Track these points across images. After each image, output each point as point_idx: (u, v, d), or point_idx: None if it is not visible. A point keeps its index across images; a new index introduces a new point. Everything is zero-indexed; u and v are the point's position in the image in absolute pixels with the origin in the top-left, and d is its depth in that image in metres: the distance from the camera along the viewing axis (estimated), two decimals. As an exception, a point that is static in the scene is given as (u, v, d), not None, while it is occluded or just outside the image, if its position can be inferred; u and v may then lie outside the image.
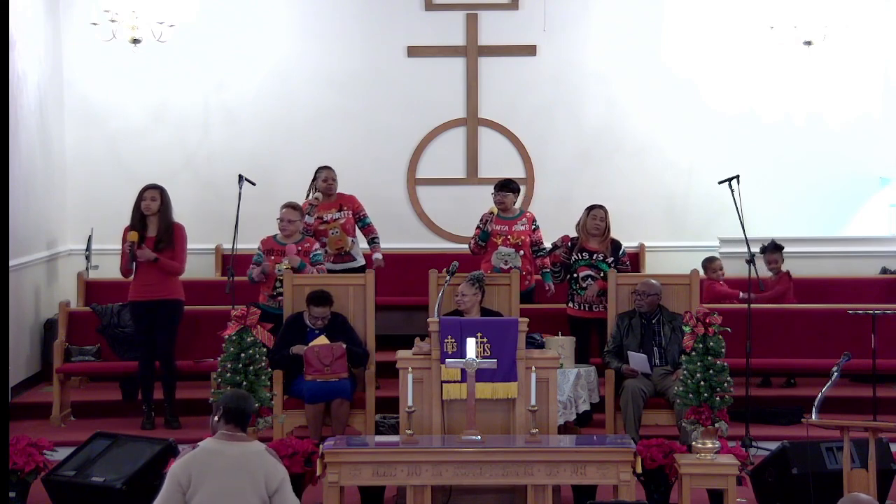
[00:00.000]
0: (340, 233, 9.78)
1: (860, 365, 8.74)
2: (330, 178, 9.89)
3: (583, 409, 8.62)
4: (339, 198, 9.93)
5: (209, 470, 5.34)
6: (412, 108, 11.92)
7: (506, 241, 9.56)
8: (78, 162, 11.79)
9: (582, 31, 11.94)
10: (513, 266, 9.37)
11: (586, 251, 9.34)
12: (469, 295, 8.36)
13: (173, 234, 9.22)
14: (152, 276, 9.15)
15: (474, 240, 9.68)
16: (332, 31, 11.91)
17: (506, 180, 9.86)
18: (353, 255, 9.87)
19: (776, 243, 10.59)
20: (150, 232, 9.20)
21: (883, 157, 11.92)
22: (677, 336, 8.46)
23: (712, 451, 7.13)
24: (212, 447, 5.45)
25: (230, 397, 5.67)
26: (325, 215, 9.80)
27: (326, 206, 9.82)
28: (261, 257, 9.29)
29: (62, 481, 7.40)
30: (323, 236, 9.75)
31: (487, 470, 6.88)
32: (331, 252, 9.74)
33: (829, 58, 11.69)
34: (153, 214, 9.21)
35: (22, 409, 9.69)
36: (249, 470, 5.34)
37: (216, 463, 5.36)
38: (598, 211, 9.43)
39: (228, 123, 11.91)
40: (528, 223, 9.70)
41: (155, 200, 9.21)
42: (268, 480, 5.34)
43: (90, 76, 11.76)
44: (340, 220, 9.81)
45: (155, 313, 9.20)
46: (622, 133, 11.98)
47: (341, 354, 8.38)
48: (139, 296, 9.22)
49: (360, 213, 10.01)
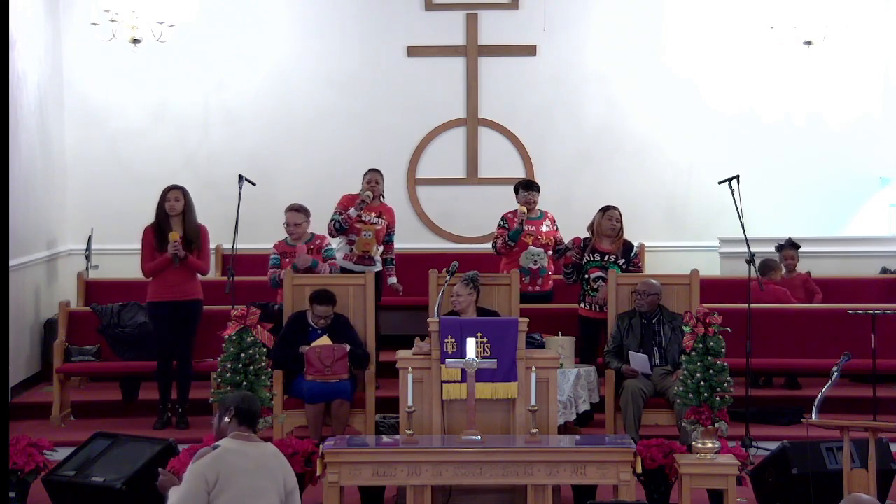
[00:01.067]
0: (372, 237, 9.71)
1: (860, 365, 8.73)
2: (374, 181, 9.76)
3: (583, 409, 8.62)
4: (381, 206, 9.86)
5: (236, 470, 5.35)
6: (412, 108, 11.93)
7: (536, 242, 9.57)
8: (78, 162, 11.79)
9: (582, 31, 11.95)
10: (541, 266, 9.41)
11: (598, 252, 9.32)
12: (464, 295, 8.36)
13: (201, 235, 9.27)
14: (176, 276, 9.18)
15: (502, 239, 9.65)
16: (332, 31, 11.92)
17: (529, 180, 9.89)
18: (376, 260, 9.83)
19: (793, 241, 10.61)
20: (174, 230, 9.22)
21: (883, 157, 11.93)
22: (677, 336, 8.46)
23: (712, 451, 7.12)
24: (235, 448, 5.43)
25: (240, 399, 5.67)
26: (365, 216, 9.74)
27: (369, 208, 9.75)
28: (277, 260, 9.28)
29: (62, 481, 7.39)
30: (354, 234, 9.70)
31: (487, 470, 6.88)
32: (356, 252, 9.70)
33: (829, 58, 11.69)
34: (177, 215, 9.23)
35: (22, 409, 9.69)
36: (271, 470, 5.40)
37: (241, 464, 5.38)
38: (613, 212, 9.37)
39: (228, 123, 11.91)
40: (551, 223, 9.73)
41: (179, 201, 9.23)
42: (286, 481, 5.39)
43: (90, 76, 11.76)
44: (377, 227, 9.74)
45: (176, 313, 9.22)
46: (622, 133, 11.98)
47: (343, 355, 8.38)
48: (161, 296, 9.22)
49: (391, 229, 9.88)
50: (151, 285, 9.29)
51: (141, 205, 10.70)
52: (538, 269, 9.48)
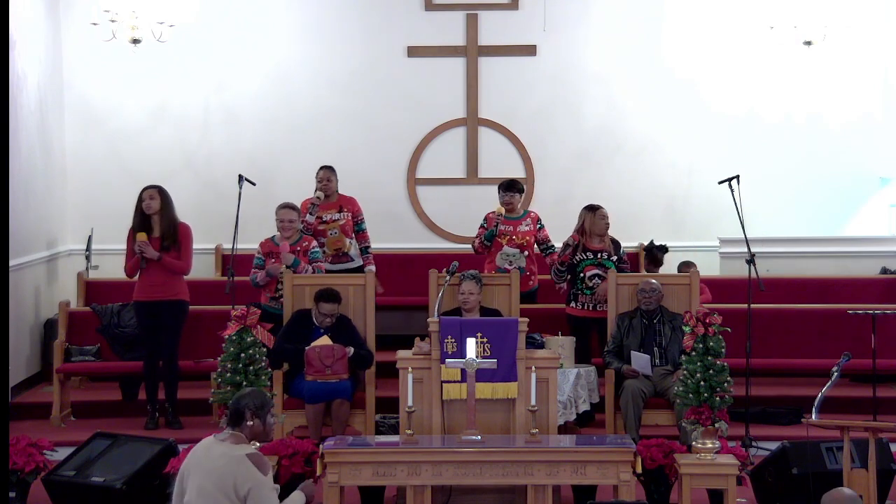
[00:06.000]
0: (339, 234, 9.76)
1: (860, 365, 8.74)
2: (325, 178, 9.78)
3: (583, 409, 8.62)
4: (339, 199, 9.88)
5: (195, 468, 5.56)
6: (412, 108, 11.93)
7: (511, 242, 9.56)
8: (78, 162, 11.79)
9: (582, 31, 11.95)
10: (517, 266, 9.40)
11: (590, 251, 9.32)
12: (475, 293, 8.40)
13: (178, 234, 9.22)
14: (158, 276, 9.15)
15: (479, 239, 9.67)
16: (333, 32, 11.92)
17: (511, 181, 9.86)
18: (351, 256, 9.84)
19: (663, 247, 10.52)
20: (155, 232, 9.19)
21: (883, 157, 11.92)
22: (677, 336, 8.46)
23: (712, 451, 7.12)
24: (205, 445, 5.64)
25: (235, 398, 5.83)
26: (325, 215, 9.77)
27: (327, 206, 9.79)
28: (261, 260, 9.27)
29: (62, 481, 7.40)
30: (321, 236, 9.72)
31: (487, 470, 6.87)
32: (329, 252, 9.72)
33: (829, 58, 11.69)
34: (155, 213, 9.20)
35: (22, 409, 9.69)
36: (220, 473, 5.50)
37: (202, 462, 5.55)
38: (603, 210, 9.40)
39: (228, 123, 11.91)
40: (532, 223, 9.71)
41: (154, 199, 9.19)
42: (237, 486, 5.44)
43: (90, 76, 11.76)
44: (340, 222, 9.79)
45: (160, 313, 9.20)
46: (622, 133, 11.98)
47: (343, 355, 8.37)
48: (144, 296, 9.21)
49: (358, 218, 9.89)
50: (136, 285, 9.28)
51: (141, 205, 10.73)
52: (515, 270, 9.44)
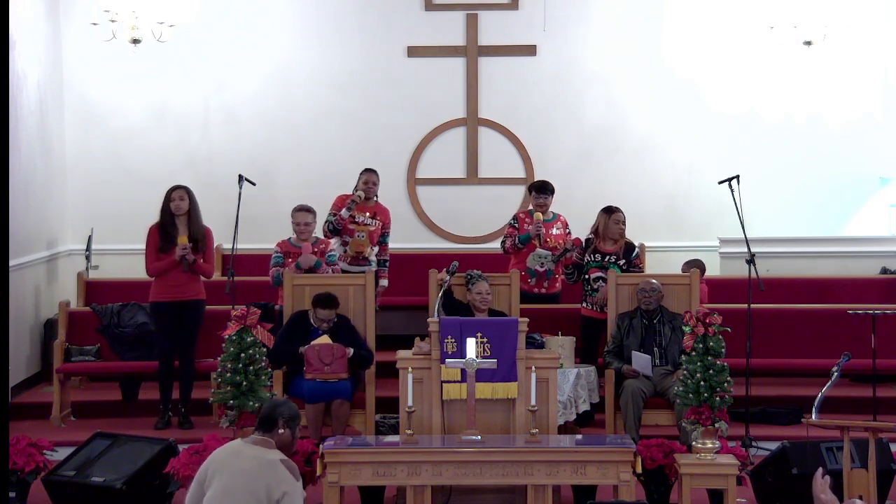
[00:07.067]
0: (366, 238, 9.71)
1: (860, 365, 8.74)
2: (371, 182, 9.75)
3: (583, 409, 8.61)
4: (376, 206, 9.83)
5: (223, 468, 5.45)
6: (412, 108, 11.92)
7: (544, 244, 9.56)
8: (78, 162, 11.79)
9: (582, 31, 11.94)
10: (548, 269, 9.40)
11: (600, 253, 9.31)
12: (491, 294, 8.42)
13: (207, 237, 9.30)
14: (180, 277, 9.19)
15: (511, 240, 9.65)
16: (332, 31, 11.92)
17: (543, 182, 9.85)
18: (370, 260, 9.82)
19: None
20: (181, 233, 9.21)
21: (883, 157, 11.92)
22: (677, 336, 8.45)
23: (712, 451, 7.12)
24: (234, 448, 5.56)
25: (266, 403, 5.86)
26: (359, 217, 9.73)
27: (363, 208, 9.72)
28: (281, 258, 9.26)
29: (62, 481, 7.39)
30: (348, 235, 9.69)
31: (487, 470, 6.87)
32: (350, 253, 9.69)
33: (829, 58, 11.69)
34: (183, 214, 9.22)
35: (22, 409, 9.69)
36: (253, 476, 5.42)
37: (231, 463, 5.46)
38: (619, 214, 9.35)
39: (228, 123, 11.91)
40: (562, 227, 9.72)
41: (184, 200, 9.23)
42: (270, 489, 5.38)
43: (90, 76, 11.76)
44: (370, 227, 9.74)
45: (180, 314, 9.22)
46: (622, 133, 11.98)
47: (342, 354, 8.37)
48: (165, 296, 9.22)
49: (386, 230, 9.87)
50: (154, 285, 9.28)
51: (141, 205, 10.73)
52: (545, 272, 9.46)
